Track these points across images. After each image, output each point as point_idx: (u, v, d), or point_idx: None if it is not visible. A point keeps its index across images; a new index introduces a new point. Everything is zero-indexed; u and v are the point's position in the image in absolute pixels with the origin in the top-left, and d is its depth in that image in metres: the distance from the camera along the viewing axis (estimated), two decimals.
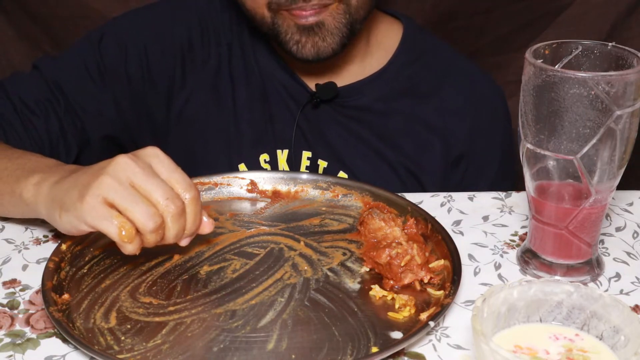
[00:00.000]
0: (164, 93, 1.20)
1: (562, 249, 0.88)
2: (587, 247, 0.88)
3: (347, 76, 1.19)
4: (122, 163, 0.82)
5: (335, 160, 1.18)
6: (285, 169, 1.17)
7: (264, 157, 1.18)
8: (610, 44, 0.85)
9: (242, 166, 1.18)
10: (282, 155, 1.18)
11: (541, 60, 0.82)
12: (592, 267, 0.89)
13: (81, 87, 1.18)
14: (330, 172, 1.18)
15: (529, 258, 0.90)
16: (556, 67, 0.84)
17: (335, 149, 1.18)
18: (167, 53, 1.20)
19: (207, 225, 0.87)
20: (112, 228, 0.81)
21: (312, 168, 1.19)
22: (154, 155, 0.84)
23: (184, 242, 0.87)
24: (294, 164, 1.18)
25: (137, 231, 0.81)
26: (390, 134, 1.19)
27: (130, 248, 0.82)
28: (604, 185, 0.84)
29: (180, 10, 1.23)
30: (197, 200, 0.84)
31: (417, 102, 1.20)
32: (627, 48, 0.84)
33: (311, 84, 1.18)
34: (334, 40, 1.08)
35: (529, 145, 0.84)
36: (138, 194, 0.81)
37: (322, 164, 1.18)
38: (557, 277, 0.88)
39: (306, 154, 1.18)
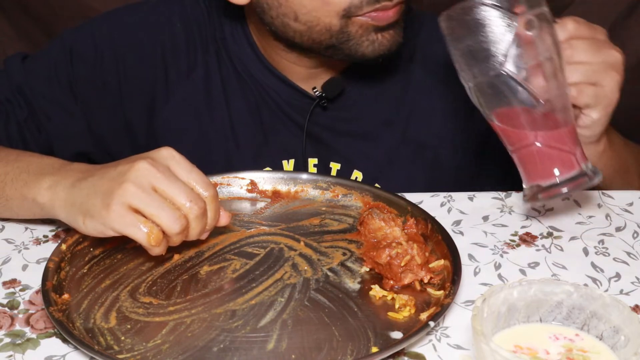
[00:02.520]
0: (146, 104, 1.15)
1: (548, 166, 0.90)
2: (571, 155, 0.90)
3: (336, 69, 1.15)
4: (143, 169, 0.84)
5: (346, 160, 1.16)
6: None
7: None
8: None
9: None
10: (289, 166, 1.15)
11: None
12: (586, 175, 0.90)
13: (48, 95, 1.13)
14: (343, 173, 1.15)
15: (533, 194, 0.92)
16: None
17: (343, 148, 1.16)
18: (146, 61, 1.14)
19: (224, 218, 0.90)
20: (141, 234, 0.83)
21: (322, 173, 1.14)
22: (170, 157, 0.87)
23: (203, 237, 0.89)
24: None
25: (164, 233, 0.84)
26: (391, 114, 1.17)
27: (157, 250, 0.85)
28: (550, 87, 0.88)
29: (163, 14, 1.16)
30: (216, 197, 0.88)
31: (405, 68, 1.17)
32: None
33: (307, 88, 1.14)
34: (402, 33, 1.06)
35: (470, 85, 0.90)
36: (162, 199, 0.84)
37: (335, 166, 1.16)
38: (564, 190, 0.89)
39: (312, 161, 1.16)
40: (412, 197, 1.03)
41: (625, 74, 0.96)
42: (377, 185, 1.14)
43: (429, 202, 1.04)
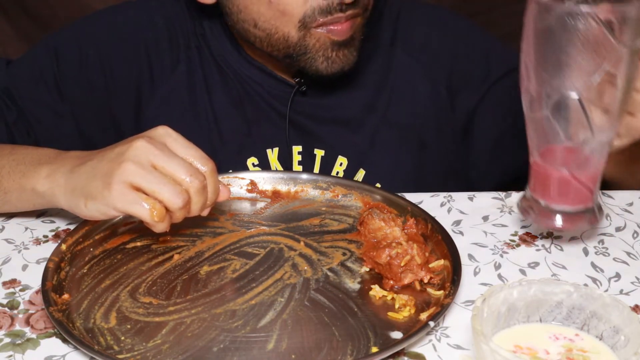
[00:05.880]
0: (132, 101, 1.15)
1: (562, 193, 0.87)
2: (588, 192, 0.87)
3: None
4: (141, 147, 0.85)
5: (329, 146, 1.16)
6: (278, 168, 1.16)
7: (252, 161, 1.15)
8: None
9: None
10: (273, 154, 1.16)
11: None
12: (593, 214, 0.88)
13: (35, 98, 1.13)
14: (327, 160, 1.16)
15: (529, 206, 0.90)
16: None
17: (326, 135, 1.16)
18: (131, 59, 1.15)
19: (224, 192, 0.91)
20: (144, 211, 0.84)
21: (306, 160, 1.16)
22: (166, 134, 0.88)
23: (205, 213, 0.90)
24: (287, 161, 1.16)
25: (167, 210, 0.85)
26: (373, 98, 1.17)
27: (161, 227, 0.86)
28: (605, 126, 0.82)
29: (145, 12, 1.17)
30: (215, 172, 0.89)
31: (386, 52, 1.17)
32: None
33: (287, 77, 1.15)
34: (357, 53, 1.07)
35: (531, 89, 0.83)
36: (162, 175, 0.85)
37: (319, 152, 1.16)
38: (558, 225, 0.87)
39: (296, 149, 1.16)
40: (412, 197, 1.03)
41: None
42: (362, 170, 1.15)
43: (429, 202, 1.04)
